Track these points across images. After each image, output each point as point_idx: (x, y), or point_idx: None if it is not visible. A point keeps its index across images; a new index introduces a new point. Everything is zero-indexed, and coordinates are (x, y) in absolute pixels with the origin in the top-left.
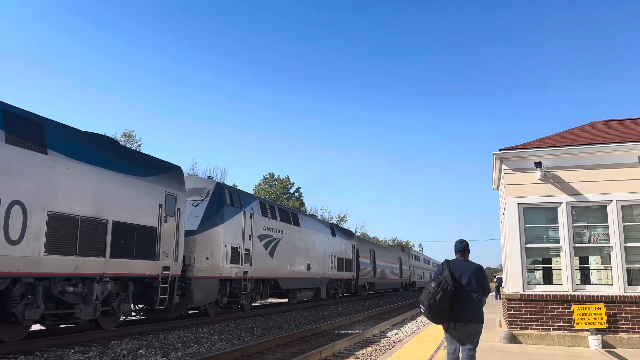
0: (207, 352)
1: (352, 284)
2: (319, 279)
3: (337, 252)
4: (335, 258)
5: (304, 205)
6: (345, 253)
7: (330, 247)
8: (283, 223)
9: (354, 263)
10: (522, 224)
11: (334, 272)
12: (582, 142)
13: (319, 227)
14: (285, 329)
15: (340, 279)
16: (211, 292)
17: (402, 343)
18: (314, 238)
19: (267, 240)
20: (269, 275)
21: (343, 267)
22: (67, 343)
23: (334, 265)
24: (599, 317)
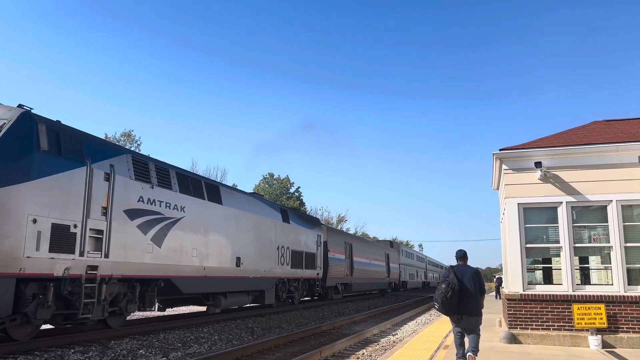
0: (207, 352)
1: (316, 285)
2: (260, 278)
3: (291, 244)
4: (289, 251)
5: (304, 205)
6: (305, 245)
7: (279, 236)
8: (186, 196)
9: (320, 258)
10: (522, 224)
11: (286, 269)
12: (582, 142)
13: (260, 208)
14: (285, 329)
15: (297, 278)
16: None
17: (402, 343)
18: (249, 222)
19: (150, 220)
20: (153, 273)
21: (302, 263)
22: (67, 343)
23: (286, 261)
24: (599, 317)
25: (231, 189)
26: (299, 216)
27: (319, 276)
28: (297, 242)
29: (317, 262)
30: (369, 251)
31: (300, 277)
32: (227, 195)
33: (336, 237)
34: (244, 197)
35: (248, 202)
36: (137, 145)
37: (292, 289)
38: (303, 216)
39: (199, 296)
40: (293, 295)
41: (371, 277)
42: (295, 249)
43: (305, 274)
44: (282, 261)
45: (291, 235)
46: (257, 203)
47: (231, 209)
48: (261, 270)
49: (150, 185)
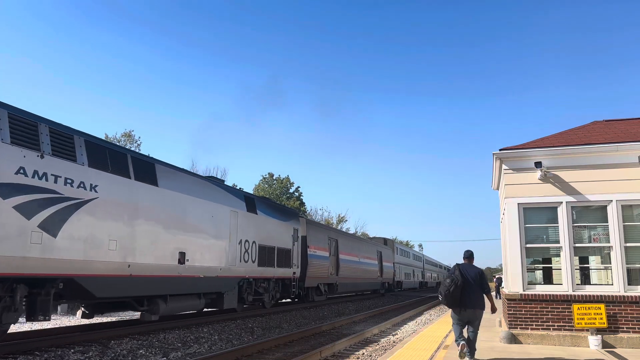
0: (207, 352)
1: (292, 286)
2: (214, 278)
3: (259, 238)
4: (255, 246)
5: (304, 205)
6: (277, 240)
7: (243, 228)
8: (100, 172)
9: (296, 255)
10: (522, 223)
11: (252, 267)
12: (582, 142)
13: (216, 194)
14: (285, 329)
15: (267, 278)
16: None
17: (402, 343)
18: (198, 210)
19: (38, 200)
20: (44, 271)
21: (272, 260)
22: (67, 343)
23: (251, 258)
24: (599, 317)
25: (174, 168)
26: (270, 206)
27: (296, 275)
28: (266, 236)
29: (292, 260)
30: (359, 248)
31: (271, 277)
32: (167, 175)
33: (318, 232)
34: (193, 180)
35: (198, 186)
36: (137, 145)
37: (260, 290)
38: (276, 206)
39: (128, 300)
40: (262, 298)
41: (361, 277)
42: (264, 244)
43: (278, 272)
44: (245, 258)
45: (259, 227)
46: (212, 188)
47: (172, 193)
48: (216, 269)
49: (39, 154)
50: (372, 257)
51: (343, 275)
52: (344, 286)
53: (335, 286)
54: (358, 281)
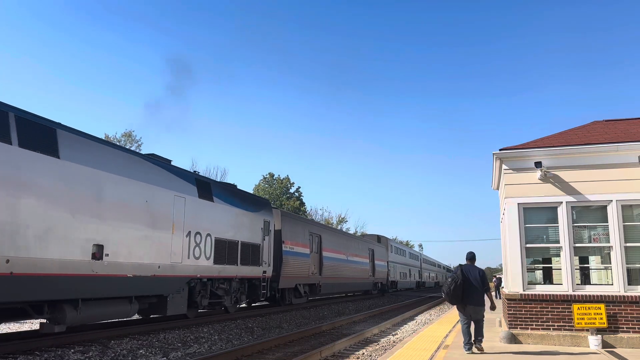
0: (207, 352)
1: (262, 287)
2: (151, 278)
3: (216, 230)
4: (211, 240)
5: (304, 205)
6: (242, 233)
7: (193, 218)
8: None
9: (268, 252)
10: (522, 223)
11: (206, 265)
12: (582, 142)
13: (155, 175)
14: (285, 328)
15: (227, 277)
16: None
17: (402, 343)
18: (126, 193)
19: None
20: None
21: (235, 257)
22: (67, 343)
23: (204, 253)
24: (599, 317)
25: (89, 138)
26: (233, 193)
27: (267, 275)
28: (226, 228)
29: (262, 257)
30: (347, 245)
31: (233, 276)
32: (76, 145)
33: (296, 226)
34: (118, 155)
35: (127, 162)
36: (137, 145)
37: (219, 293)
38: (240, 194)
39: (17, 306)
40: (221, 301)
41: (349, 277)
42: (222, 238)
43: (242, 271)
44: (196, 254)
45: (216, 217)
46: (148, 167)
47: (83, 168)
48: (152, 267)
49: None
50: (362, 256)
51: (327, 275)
52: (328, 287)
53: (317, 287)
54: (345, 281)
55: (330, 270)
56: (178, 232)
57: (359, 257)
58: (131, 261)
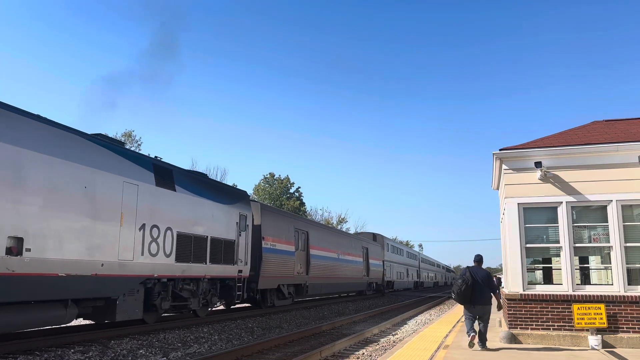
0: (207, 352)
1: (238, 287)
2: (90, 278)
3: (178, 224)
4: (172, 235)
5: (304, 205)
6: (212, 227)
7: (147, 208)
8: None
9: (244, 249)
10: (522, 223)
11: (165, 263)
12: (582, 142)
13: (93, 154)
14: (285, 328)
15: (194, 277)
16: None
17: (402, 343)
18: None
19: None
20: None
21: (203, 254)
22: (67, 343)
23: (163, 250)
24: (599, 317)
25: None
26: (200, 183)
27: (243, 275)
28: (192, 221)
29: (238, 254)
30: (338, 243)
31: (201, 276)
32: None
33: (279, 221)
34: (49, 131)
35: (61, 141)
36: (137, 145)
37: (185, 295)
38: (211, 185)
39: None
40: (187, 304)
41: (340, 276)
42: (187, 233)
43: (213, 271)
44: (153, 250)
45: (178, 209)
46: (92, 148)
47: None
48: (94, 264)
49: None
50: (355, 254)
51: (315, 275)
52: (316, 287)
53: (304, 288)
54: (336, 281)
55: (319, 269)
56: (128, 225)
57: (352, 256)
58: (63, 257)
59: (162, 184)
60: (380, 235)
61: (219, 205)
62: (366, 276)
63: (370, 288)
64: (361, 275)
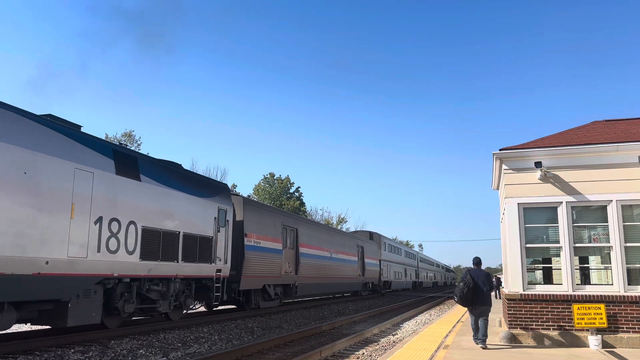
0: (207, 352)
1: (216, 288)
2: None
3: (144, 217)
4: (136, 230)
5: (304, 205)
6: (185, 222)
7: (105, 199)
8: None
9: (223, 246)
10: (522, 223)
11: (128, 261)
12: (582, 142)
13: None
14: (285, 328)
15: (163, 277)
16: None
17: (402, 343)
18: None
19: None
20: None
21: (174, 252)
22: (67, 343)
23: (125, 246)
24: (599, 317)
25: None
26: (173, 174)
27: (222, 274)
28: (161, 215)
29: (216, 252)
30: (330, 241)
31: (172, 276)
32: None
33: (264, 217)
34: None
35: None
36: (137, 145)
37: (153, 296)
38: (186, 176)
39: None
40: (155, 307)
41: (333, 276)
42: (154, 227)
43: (186, 270)
44: (112, 246)
45: (144, 201)
46: (36, 129)
47: None
48: (36, 262)
49: None
50: (350, 253)
51: (305, 274)
52: (306, 288)
53: (293, 288)
54: (328, 281)
55: (309, 268)
56: (81, 217)
57: (346, 255)
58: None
59: (124, 173)
60: (377, 233)
61: (194, 198)
62: (361, 276)
63: (366, 288)
64: (356, 275)
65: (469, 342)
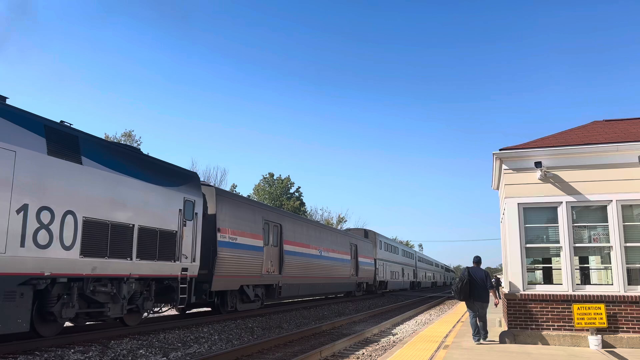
0: (207, 352)
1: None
2: None
3: (86, 207)
4: (75, 221)
5: (304, 205)
6: (142, 214)
7: (34, 185)
8: None
9: (189, 242)
10: (522, 223)
11: (65, 257)
12: (582, 142)
13: None
14: (285, 328)
15: (112, 276)
16: None
17: (402, 343)
18: None
19: None
20: None
21: (127, 248)
22: (67, 343)
23: (61, 240)
24: (599, 317)
25: None
26: (126, 157)
27: (190, 273)
28: (109, 204)
29: (181, 249)
30: (320, 239)
31: (124, 275)
32: None
33: (241, 211)
34: None
35: None
36: (137, 145)
37: (100, 299)
38: (144, 161)
39: None
40: (103, 311)
41: (322, 276)
42: (100, 219)
43: (142, 268)
44: (42, 240)
45: (86, 188)
46: None
47: None
48: None
49: None
50: (342, 251)
51: (290, 274)
52: (292, 289)
53: (276, 289)
54: (317, 281)
55: (295, 268)
56: (1, 205)
57: (338, 253)
58: None
59: (60, 154)
60: (372, 231)
61: (154, 187)
62: (355, 275)
63: (360, 289)
64: (349, 275)
65: (469, 342)
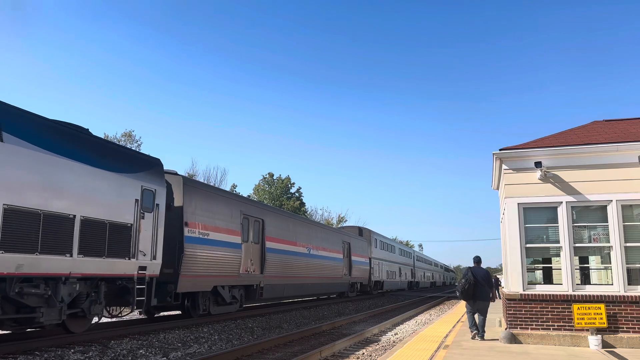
0: (207, 352)
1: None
2: None
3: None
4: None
5: (304, 205)
6: (86, 205)
7: None
8: None
9: (148, 238)
10: (522, 223)
11: None
12: (582, 142)
13: None
14: (285, 328)
15: (46, 275)
16: None
17: (402, 343)
18: None
19: None
20: None
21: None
22: (67, 343)
23: None
24: (599, 317)
25: None
26: (67, 137)
27: (149, 272)
28: (41, 190)
29: (138, 244)
30: (308, 236)
31: (64, 274)
32: None
33: (215, 204)
34: None
35: None
36: (137, 145)
37: (31, 302)
38: (89, 141)
39: None
40: (35, 317)
41: (311, 276)
42: (27, 207)
43: (85, 267)
44: None
45: (8, 170)
46: None
47: None
48: None
49: None
50: (333, 250)
51: (273, 274)
52: (275, 289)
53: (257, 290)
54: (305, 281)
55: (279, 267)
56: None
57: (328, 252)
58: None
59: None
60: (367, 229)
61: (102, 172)
62: (348, 275)
63: (354, 289)
64: (341, 275)
65: (469, 342)
